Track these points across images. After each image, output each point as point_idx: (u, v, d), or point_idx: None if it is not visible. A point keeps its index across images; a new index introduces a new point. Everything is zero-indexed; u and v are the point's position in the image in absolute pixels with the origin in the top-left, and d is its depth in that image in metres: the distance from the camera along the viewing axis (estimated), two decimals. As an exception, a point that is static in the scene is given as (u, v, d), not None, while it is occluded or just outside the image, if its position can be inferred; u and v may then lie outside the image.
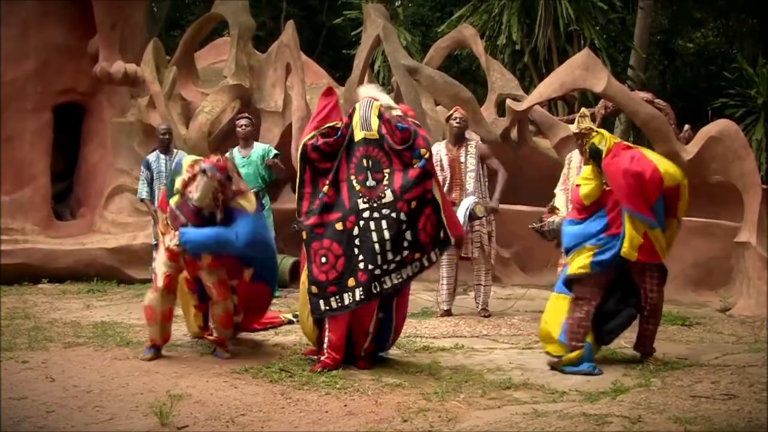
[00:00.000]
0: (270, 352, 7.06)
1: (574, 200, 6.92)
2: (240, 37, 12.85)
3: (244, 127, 10.43)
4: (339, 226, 6.37)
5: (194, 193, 6.56)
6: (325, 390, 5.77)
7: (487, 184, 9.17)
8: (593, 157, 6.56)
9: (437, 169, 9.08)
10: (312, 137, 6.57)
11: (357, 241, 6.33)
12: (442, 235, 6.49)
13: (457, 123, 9.17)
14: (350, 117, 6.53)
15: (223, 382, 5.96)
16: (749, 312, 9.48)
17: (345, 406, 5.42)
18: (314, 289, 6.37)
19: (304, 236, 6.49)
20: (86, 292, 10.50)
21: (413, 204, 6.35)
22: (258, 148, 10.50)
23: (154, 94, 11.89)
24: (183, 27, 20.72)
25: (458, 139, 9.18)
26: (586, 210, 6.70)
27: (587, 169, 6.68)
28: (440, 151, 9.13)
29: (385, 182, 6.42)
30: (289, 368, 6.32)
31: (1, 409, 5.16)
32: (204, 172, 6.52)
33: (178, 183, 6.74)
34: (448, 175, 9.05)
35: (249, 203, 6.83)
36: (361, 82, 12.21)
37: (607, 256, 6.53)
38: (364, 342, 6.55)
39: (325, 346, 6.46)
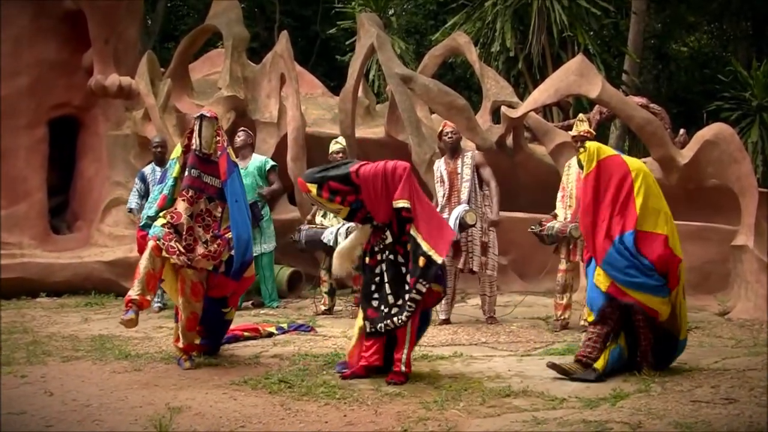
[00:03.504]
0: (269, 363, 7.04)
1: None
2: (234, 49, 12.87)
3: (242, 141, 10.50)
4: (367, 260, 6.60)
5: (199, 140, 6.97)
6: (324, 400, 5.75)
7: (483, 193, 9.13)
8: None
9: (438, 183, 9.14)
10: None
11: (377, 279, 6.52)
12: (421, 263, 6.32)
13: (449, 137, 9.24)
14: None
15: (223, 394, 5.95)
16: (748, 315, 9.47)
17: (344, 416, 5.40)
18: None
19: None
20: (84, 305, 10.49)
21: (408, 246, 6.43)
22: (256, 159, 10.52)
23: (149, 107, 11.90)
24: (177, 39, 20.80)
25: (454, 152, 9.24)
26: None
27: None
28: (440, 166, 9.28)
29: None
30: (288, 379, 6.31)
31: (0, 424, 5.15)
32: (201, 117, 7.02)
33: (177, 152, 7.19)
34: (448, 187, 9.10)
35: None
36: (355, 91, 12.23)
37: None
38: (400, 354, 6.41)
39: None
